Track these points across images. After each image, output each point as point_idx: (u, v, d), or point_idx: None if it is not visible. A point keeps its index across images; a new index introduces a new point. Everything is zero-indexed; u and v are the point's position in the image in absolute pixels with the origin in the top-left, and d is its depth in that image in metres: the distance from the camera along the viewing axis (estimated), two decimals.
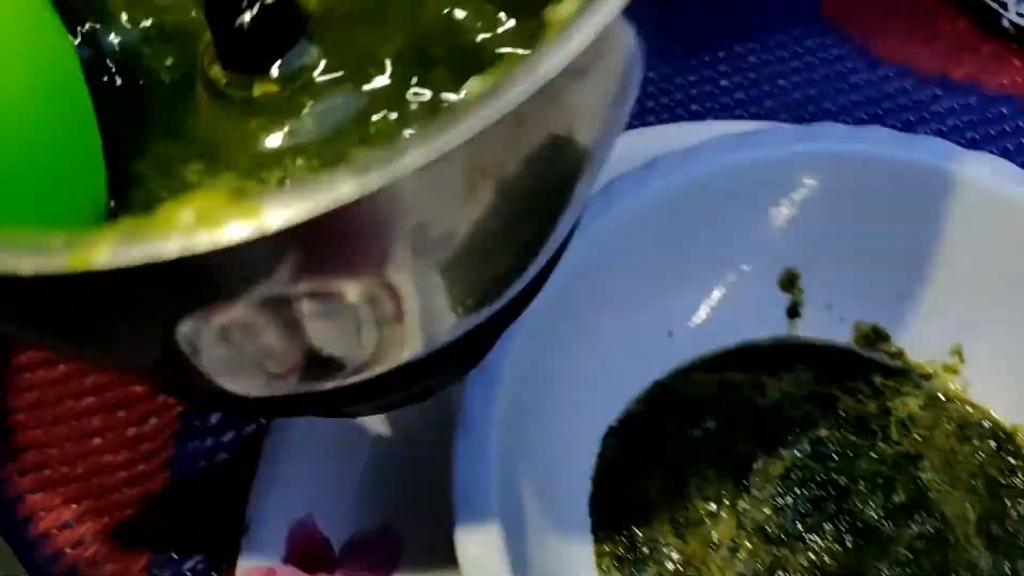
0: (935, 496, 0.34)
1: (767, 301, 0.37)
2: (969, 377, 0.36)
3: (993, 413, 0.36)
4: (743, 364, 0.37)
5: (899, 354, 0.37)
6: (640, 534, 0.34)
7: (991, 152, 0.37)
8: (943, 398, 0.36)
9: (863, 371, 0.37)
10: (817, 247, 0.36)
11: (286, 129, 0.23)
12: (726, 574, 0.33)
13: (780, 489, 0.34)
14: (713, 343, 0.37)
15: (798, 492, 0.33)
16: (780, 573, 0.33)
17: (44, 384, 0.39)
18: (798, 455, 0.34)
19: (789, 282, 0.37)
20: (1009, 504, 0.34)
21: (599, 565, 0.33)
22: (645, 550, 0.33)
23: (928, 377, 0.37)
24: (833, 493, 0.33)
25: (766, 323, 0.37)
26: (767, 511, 0.34)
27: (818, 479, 0.34)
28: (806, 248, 0.36)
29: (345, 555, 0.35)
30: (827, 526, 0.33)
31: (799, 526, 0.33)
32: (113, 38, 0.24)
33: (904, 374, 0.37)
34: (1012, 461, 0.35)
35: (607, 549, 0.33)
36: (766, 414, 0.35)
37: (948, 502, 0.34)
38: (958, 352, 0.36)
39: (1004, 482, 0.35)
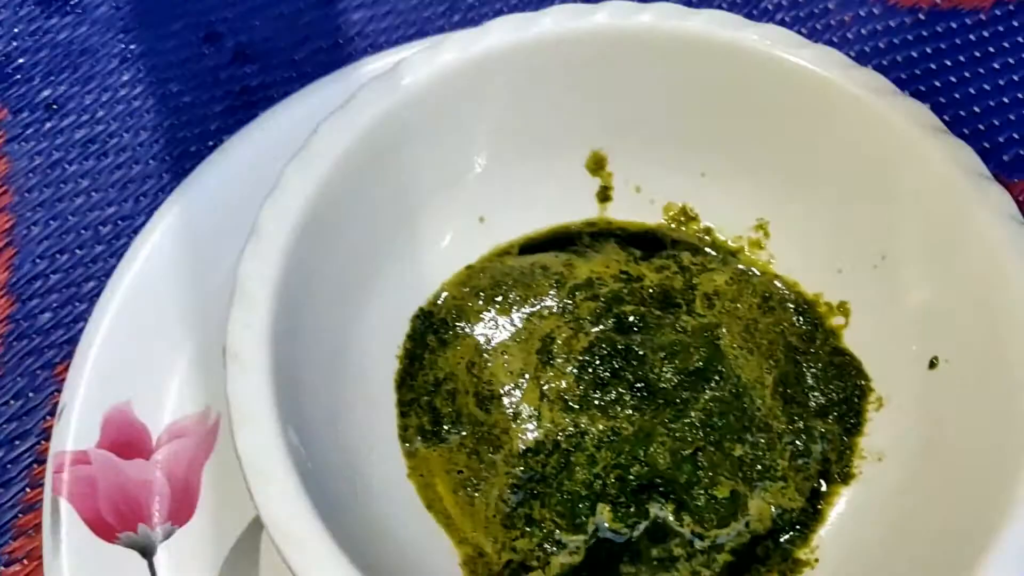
0: (732, 362, 0.35)
1: (578, 185, 0.38)
2: (775, 251, 0.37)
3: (799, 285, 0.37)
4: (555, 247, 0.38)
5: (707, 232, 0.38)
6: (443, 408, 0.35)
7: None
8: (750, 272, 0.37)
9: (672, 250, 0.38)
10: (622, 129, 0.37)
11: None
12: (527, 442, 0.34)
13: (582, 361, 0.35)
14: (526, 227, 0.38)
15: (599, 364, 0.34)
16: (578, 439, 0.34)
17: None
18: (602, 330, 0.35)
19: (597, 165, 0.38)
20: (805, 368, 0.35)
21: (403, 437, 0.34)
22: (448, 422, 0.34)
23: (735, 253, 0.38)
24: (633, 363, 0.34)
25: (578, 207, 0.38)
26: (568, 382, 0.34)
27: (619, 351, 0.34)
28: (612, 130, 0.37)
29: (163, 441, 0.35)
30: (625, 394, 0.34)
31: (598, 395, 0.34)
32: None
33: (712, 251, 0.38)
34: (811, 328, 0.36)
35: (412, 422, 0.34)
36: (574, 293, 0.36)
37: (745, 368, 0.35)
38: (763, 228, 0.37)
39: (802, 348, 0.36)
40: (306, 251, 0.31)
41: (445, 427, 0.34)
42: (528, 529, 0.33)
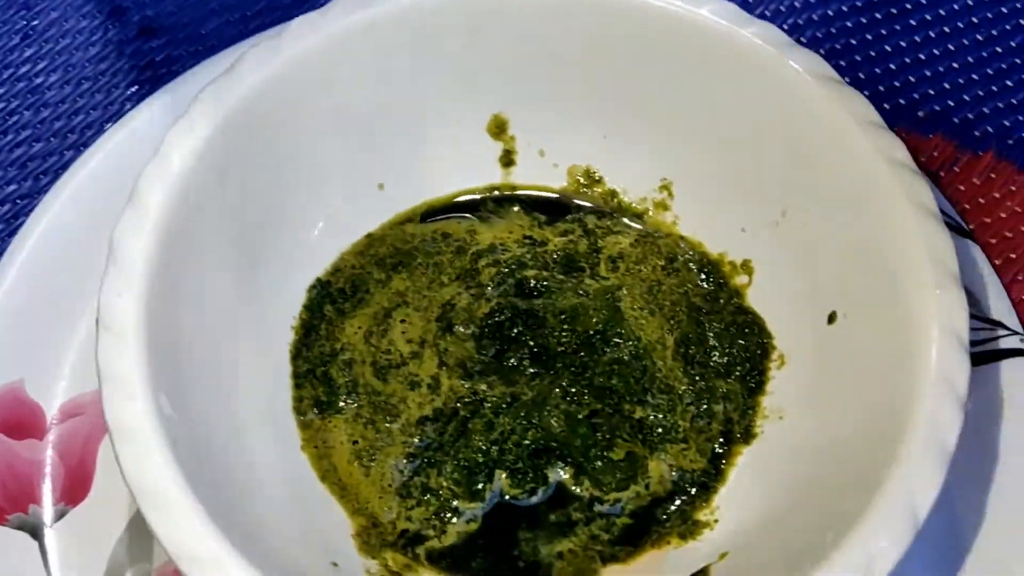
0: (632, 324, 0.34)
1: (480, 150, 0.37)
2: (679, 212, 0.37)
3: (703, 245, 0.36)
4: (459, 213, 0.37)
5: (612, 195, 0.37)
6: (339, 378, 0.34)
7: None
8: (655, 234, 0.37)
9: (577, 214, 0.37)
10: (523, 91, 0.36)
11: None
12: (424, 410, 0.33)
13: (482, 328, 0.34)
14: (428, 194, 0.37)
15: (499, 329, 0.34)
16: (476, 406, 0.33)
17: None
18: (503, 295, 0.35)
19: (499, 129, 0.37)
20: (708, 328, 0.35)
21: (297, 409, 0.33)
22: (344, 392, 0.34)
23: (640, 216, 0.37)
24: (533, 328, 0.34)
25: (481, 172, 0.37)
26: (468, 348, 0.34)
27: (519, 316, 0.34)
28: (513, 93, 0.36)
29: (58, 420, 0.35)
30: (524, 360, 0.34)
31: (496, 361, 0.34)
32: None
33: (617, 214, 0.37)
34: (715, 288, 0.35)
35: (307, 393, 0.34)
36: (476, 259, 0.36)
37: (646, 329, 0.34)
38: (667, 188, 0.37)
39: (706, 308, 0.35)
40: (186, 219, 0.30)
41: (341, 397, 0.34)
42: (424, 498, 0.32)
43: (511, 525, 0.32)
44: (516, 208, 0.37)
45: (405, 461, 0.33)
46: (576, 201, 0.37)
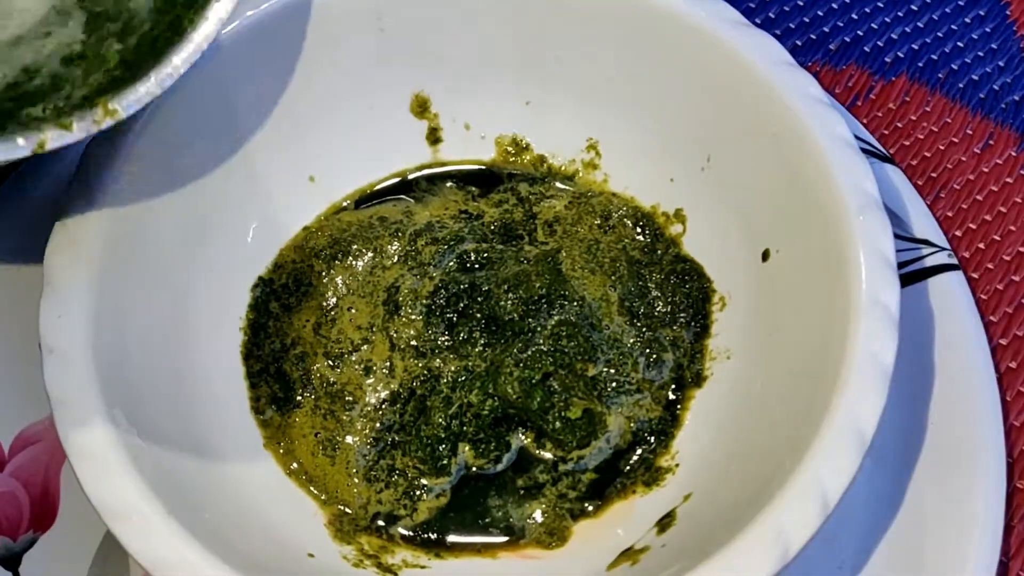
0: (575, 285, 0.35)
1: (406, 131, 0.37)
2: (609, 170, 0.37)
3: (636, 200, 0.37)
4: (392, 196, 0.37)
5: (541, 160, 0.38)
6: (293, 373, 0.34)
7: None
8: (588, 194, 0.37)
9: (509, 183, 0.38)
10: (439, 66, 0.36)
11: None
12: (381, 394, 0.34)
13: (429, 306, 0.34)
14: (359, 180, 0.37)
15: (445, 306, 0.34)
16: (432, 383, 0.33)
17: None
18: (445, 271, 0.35)
19: (422, 108, 0.37)
20: (648, 279, 0.35)
21: (255, 408, 0.33)
22: (299, 386, 0.34)
23: (571, 177, 0.38)
24: (479, 300, 0.34)
25: (410, 152, 0.38)
26: (418, 328, 0.34)
27: (464, 290, 0.34)
28: (428, 69, 0.37)
29: (16, 449, 0.34)
30: (474, 332, 0.34)
31: (447, 337, 0.34)
32: None
33: (548, 179, 0.38)
34: (652, 240, 0.36)
35: (263, 392, 0.34)
36: (415, 239, 0.36)
37: (589, 288, 0.35)
38: (594, 148, 0.37)
39: (644, 260, 0.36)
40: (119, 232, 0.30)
41: (297, 392, 0.34)
42: (392, 479, 0.32)
43: (480, 495, 0.33)
44: (449, 184, 0.38)
45: (369, 446, 0.33)
46: (507, 171, 0.38)
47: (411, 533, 0.32)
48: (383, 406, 0.33)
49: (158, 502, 0.26)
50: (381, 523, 0.32)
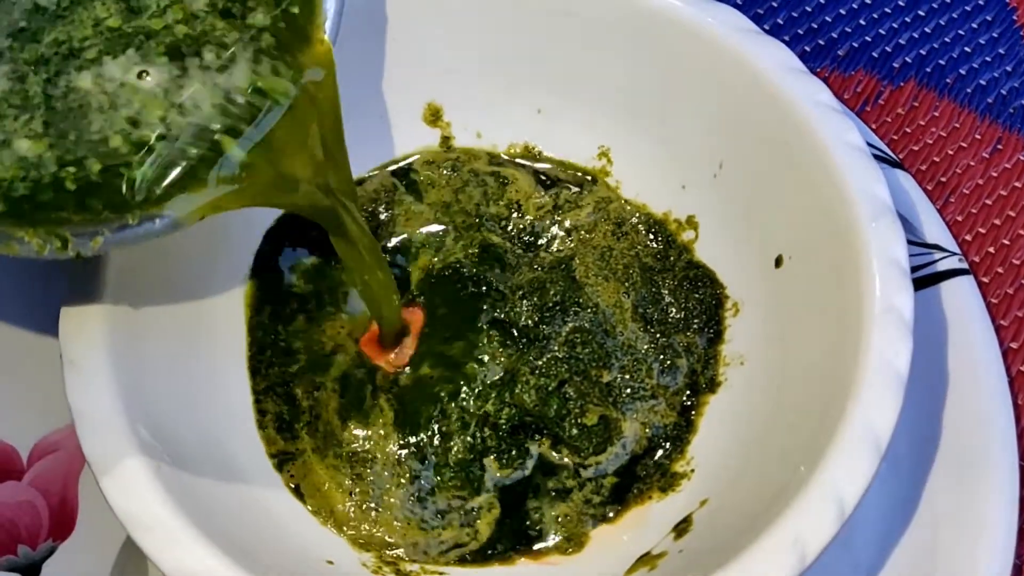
0: (589, 291, 0.35)
1: (419, 140, 0.38)
2: (620, 177, 0.38)
3: (648, 207, 0.37)
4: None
5: (557, 164, 0.38)
6: (298, 390, 0.34)
7: None
8: (604, 201, 0.37)
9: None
10: (450, 76, 0.37)
11: None
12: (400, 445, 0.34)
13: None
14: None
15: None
16: (445, 404, 0.34)
17: None
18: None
19: (435, 117, 0.38)
20: (662, 286, 0.36)
21: (260, 425, 0.33)
22: (305, 405, 0.34)
23: (586, 184, 0.38)
24: (495, 303, 0.35)
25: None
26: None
27: (480, 278, 0.35)
28: (440, 79, 0.37)
29: (34, 458, 0.35)
30: (494, 338, 0.34)
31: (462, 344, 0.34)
32: None
33: (563, 184, 0.38)
34: (664, 247, 0.36)
35: (269, 409, 0.33)
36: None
37: (602, 294, 0.35)
38: (606, 155, 0.38)
39: (657, 267, 0.36)
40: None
41: (302, 410, 0.34)
42: (444, 519, 0.32)
43: (520, 499, 0.33)
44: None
45: (412, 501, 0.32)
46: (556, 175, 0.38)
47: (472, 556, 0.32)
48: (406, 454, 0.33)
49: (181, 512, 0.26)
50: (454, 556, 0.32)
